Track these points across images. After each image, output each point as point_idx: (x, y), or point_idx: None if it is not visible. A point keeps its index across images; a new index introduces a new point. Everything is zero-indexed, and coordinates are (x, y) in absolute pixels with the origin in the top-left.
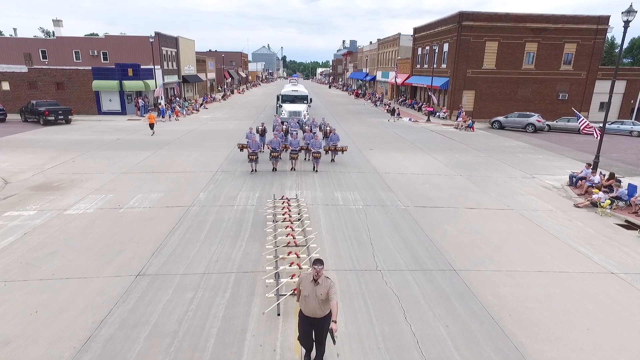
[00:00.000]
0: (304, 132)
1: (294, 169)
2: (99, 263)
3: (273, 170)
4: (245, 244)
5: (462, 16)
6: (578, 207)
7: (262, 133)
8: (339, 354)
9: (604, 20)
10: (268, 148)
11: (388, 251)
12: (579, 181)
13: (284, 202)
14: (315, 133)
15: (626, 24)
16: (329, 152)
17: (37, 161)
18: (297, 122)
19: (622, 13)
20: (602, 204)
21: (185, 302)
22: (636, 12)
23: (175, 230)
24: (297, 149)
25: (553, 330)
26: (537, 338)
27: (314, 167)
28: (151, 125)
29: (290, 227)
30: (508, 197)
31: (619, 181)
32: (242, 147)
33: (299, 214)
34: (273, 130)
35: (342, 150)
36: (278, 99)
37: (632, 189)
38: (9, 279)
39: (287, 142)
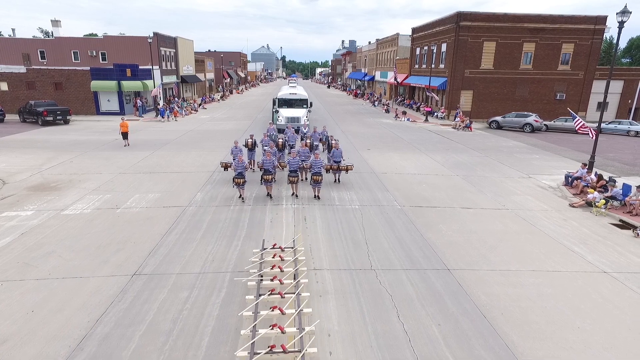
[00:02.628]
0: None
1: (297, 195)
2: (95, 263)
3: (267, 196)
4: (241, 243)
5: (460, 16)
6: (573, 206)
7: (252, 147)
8: (331, 352)
9: (601, 20)
10: (259, 168)
11: (383, 251)
12: (575, 181)
13: (275, 255)
14: (317, 147)
15: (621, 24)
16: (331, 171)
17: (35, 161)
18: (296, 132)
19: (616, 14)
20: (597, 204)
21: (181, 301)
22: (631, 12)
23: (172, 230)
24: (297, 169)
25: (544, 329)
26: (528, 336)
27: (315, 194)
28: (124, 135)
29: (280, 310)
30: (504, 197)
31: (614, 181)
32: (225, 166)
33: (294, 278)
34: (262, 145)
35: (347, 169)
36: (274, 103)
37: (626, 188)
38: (5, 279)
39: (283, 160)
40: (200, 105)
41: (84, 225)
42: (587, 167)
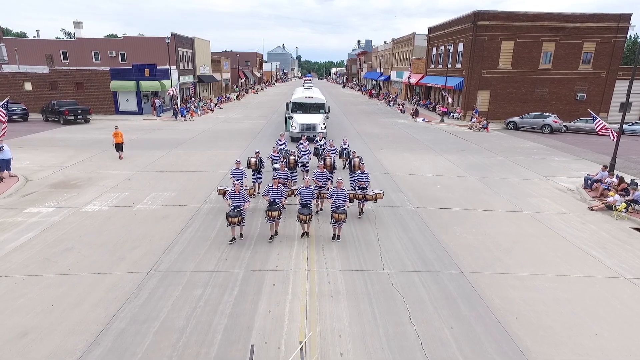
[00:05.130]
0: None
1: (307, 234)
2: (112, 259)
3: (270, 238)
4: (255, 243)
5: (477, 15)
6: (593, 210)
7: (257, 167)
8: (342, 353)
9: (625, 18)
10: (265, 199)
11: (395, 252)
12: (595, 184)
13: None
14: (331, 173)
15: None
16: (355, 200)
17: (57, 159)
18: (308, 140)
19: None
20: (617, 207)
21: (194, 298)
22: None
23: (187, 228)
24: (311, 202)
25: (560, 335)
26: (542, 342)
27: (335, 233)
28: (118, 146)
29: None
30: (520, 199)
31: (636, 184)
32: (223, 193)
33: None
34: (272, 162)
35: (376, 199)
36: (287, 108)
37: None
38: (27, 274)
39: (294, 181)
40: (216, 105)
41: (102, 222)
42: (607, 169)
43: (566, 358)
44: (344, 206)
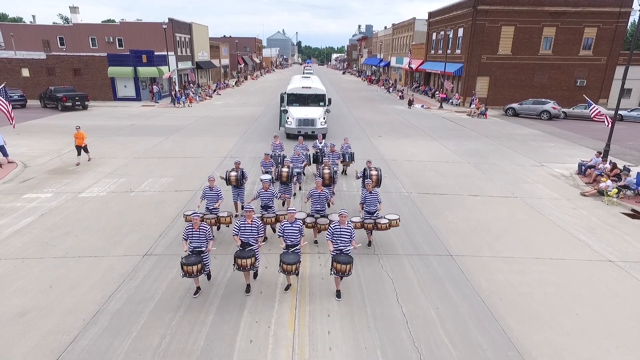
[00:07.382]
0: (321, 175)
1: (289, 286)
2: (109, 243)
3: (246, 291)
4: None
5: (477, 0)
6: (585, 195)
7: (238, 182)
8: (329, 331)
9: (627, 2)
10: (236, 241)
11: (386, 236)
12: (588, 169)
13: None
14: (334, 175)
15: None
16: (365, 229)
17: (55, 146)
18: (304, 150)
19: None
20: (609, 193)
21: (188, 280)
22: None
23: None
24: (299, 244)
25: (543, 315)
26: (525, 322)
27: (337, 288)
28: (79, 149)
29: None
30: (514, 185)
31: (628, 170)
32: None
33: None
34: (262, 169)
35: (389, 227)
36: (282, 100)
37: None
38: (26, 257)
39: (279, 213)
40: (214, 91)
41: (100, 207)
42: (601, 155)
43: (547, 336)
44: (349, 249)
